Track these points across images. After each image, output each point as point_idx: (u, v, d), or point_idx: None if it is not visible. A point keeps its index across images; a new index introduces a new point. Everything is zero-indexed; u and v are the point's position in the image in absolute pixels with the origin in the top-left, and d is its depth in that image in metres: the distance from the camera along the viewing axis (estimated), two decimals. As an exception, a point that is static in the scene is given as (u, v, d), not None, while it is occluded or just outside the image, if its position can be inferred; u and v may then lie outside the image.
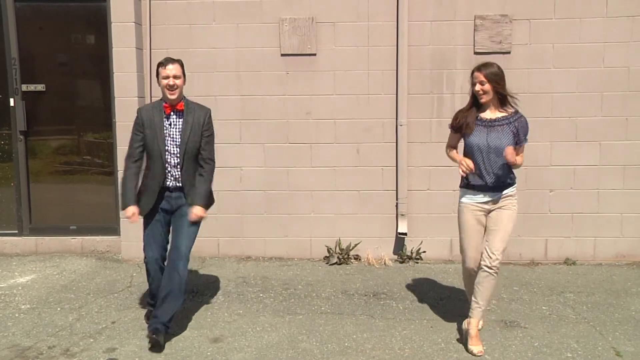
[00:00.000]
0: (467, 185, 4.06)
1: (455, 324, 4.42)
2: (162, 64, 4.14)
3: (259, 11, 6.02)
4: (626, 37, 5.78)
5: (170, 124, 4.16)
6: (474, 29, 5.88)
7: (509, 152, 3.82)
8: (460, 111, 4.19)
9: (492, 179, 3.96)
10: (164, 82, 4.10)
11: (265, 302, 4.95)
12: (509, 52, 5.88)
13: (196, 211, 4.20)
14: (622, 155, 5.89)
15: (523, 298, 4.92)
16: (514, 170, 4.04)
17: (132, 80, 5.95)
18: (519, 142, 3.98)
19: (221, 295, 5.12)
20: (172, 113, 4.17)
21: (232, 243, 6.25)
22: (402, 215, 6.00)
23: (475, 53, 5.90)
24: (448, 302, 4.89)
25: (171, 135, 4.16)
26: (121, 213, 4.33)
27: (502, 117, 4.00)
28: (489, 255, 3.95)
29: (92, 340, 4.18)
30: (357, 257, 6.07)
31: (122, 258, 6.12)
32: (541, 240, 5.97)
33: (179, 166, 4.18)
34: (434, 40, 5.93)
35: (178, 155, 4.16)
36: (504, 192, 4.00)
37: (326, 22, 5.99)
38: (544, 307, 4.78)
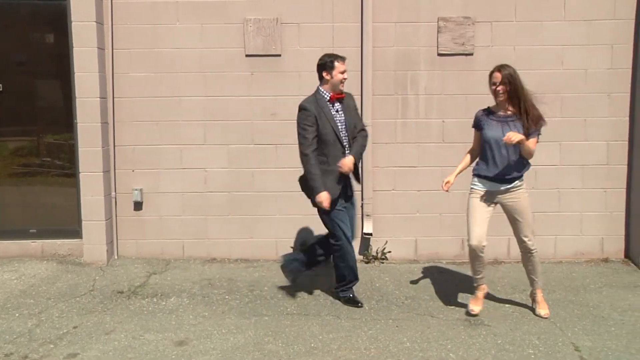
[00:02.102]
0: (477, 174, 4.57)
1: (421, 323, 4.46)
2: (340, 58, 4.67)
3: (223, 11, 5.98)
4: (583, 41, 5.92)
5: (337, 111, 4.71)
6: (438, 31, 5.94)
7: (511, 134, 4.21)
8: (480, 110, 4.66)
9: (497, 171, 4.41)
10: (340, 76, 4.65)
11: (231, 304, 4.91)
12: (471, 54, 5.96)
13: (347, 161, 4.63)
14: (581, 155, 6.03)
15: (487, 296, 4.98)
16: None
17: (93, 80, 5.84)
18: (531, 134, 4.38)
19: (186, 298, 5.06)
20: (335, 102, 4.71)
21: (197, 245, 6.19)
22: (368, 215, 6.03)
23: (439, 54, 5.96)
24: (413, 302, 4.93)
25: (340, 121, 4.70)
26: (317, 198, 4.66)
27: (513, 114, 4.43)
28: (523, 241, 4.52)
29: (52, 346, 4.09)
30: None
31: (85, 261, 6.00)
32: (504, 239, 6.05)
33: (347, 147, 4.72)
34: (398, 42, 5.98)
35: (347, 136, 4.72)
36: (513, 184, 4.45)
37: (291, 23, 5.98)
38: (507, 305, 4.86)
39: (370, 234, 6.03)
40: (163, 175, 6.13)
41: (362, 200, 6.05)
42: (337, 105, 4.73)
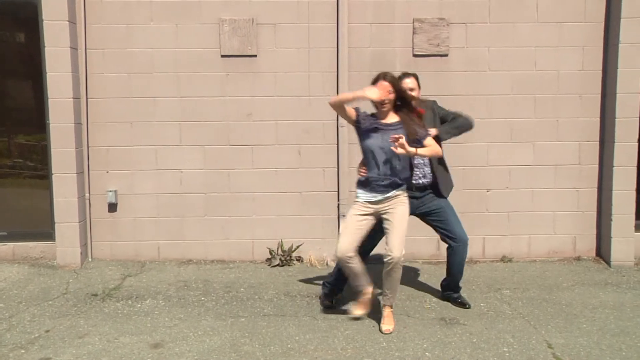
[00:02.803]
0: (359, 183, 4.44)
1: (397, 323, 4.47)
2: (399, 78, 4.51)
3: (198, 11, 5.94)
4: (555, 42, 6.01)
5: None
6: (413, 32, 5.98)
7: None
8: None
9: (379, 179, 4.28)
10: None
11: (207, 306, 4.88)
12: (446, 55, 6.01)
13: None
14: (554, 155, 6.12)
15: (462, 296, 5.02)
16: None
17: (66, 80, 5.76)
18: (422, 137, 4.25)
19: (162, 300, 5.02)
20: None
21: (173, 246, 6.14)
22: (344, 216, 6.02)
23: (414, 55, 6.00)
24: (389, 301, 4.95)
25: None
26: None
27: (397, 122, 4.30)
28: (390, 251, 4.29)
29: (23, 350, 4.02)
30: (299, 259, 6.08)
31: (58, 264, 5.91)
32: (479, 239, 6.12)
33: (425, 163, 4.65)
34: (374, 43, 6.01)
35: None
36: (392, 192, 4.29)
37: (267, 24, 5.97)
38: (482, 304, 4.90)
39: (347, 235, 6.03)
40: (138, 176, 6.07)
41: (338, 200, 6.06)
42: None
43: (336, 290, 4.84)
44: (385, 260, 4.27)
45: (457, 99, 5.29)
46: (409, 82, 4.61)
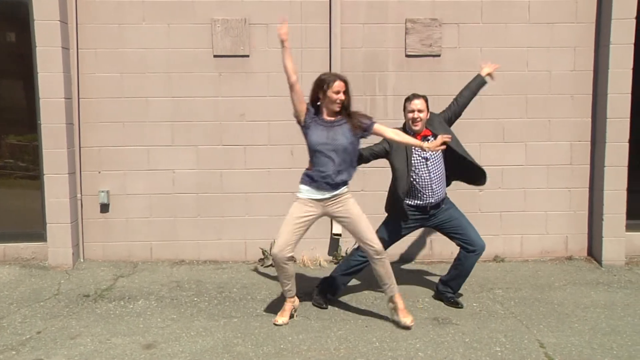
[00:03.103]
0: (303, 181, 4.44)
1: (390, 323, 4.49)
2: (408, 99, 4.59)
3: (190, 11, 5.93)
4: (546, 43, 6.04)
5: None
6: (405, 32, 5.99)
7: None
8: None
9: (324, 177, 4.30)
10: (409, 115, 4.56)
11: (200, 306, 4.87)
12: (439, 55, 6.03)
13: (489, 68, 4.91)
14: (546, 155, 6.14)
15: (455, 296, 5.03)
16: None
17: (58, 80, 5.73)
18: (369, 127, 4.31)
19: (154, 301, 5.00)
20: (420, 140, 4.48)
21: (165, 247, 6.12)
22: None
23: (407, 56, 6.02)
24: (383, 302, 4.94)
25: (424, 157, 4.60)
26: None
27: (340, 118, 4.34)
28: (370, 245, 4.40)
29: (14, 352, 3.99)
30: (292, 259, 6.05)
31: (49, 265, 5.88)
32: (471, 238, 6.13)
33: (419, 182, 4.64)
34: (366, 43, 6.01)
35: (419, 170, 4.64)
36: (339, 190, 4.34)
37: (259, 24, 5.96)
38: (474, 304, 4.92)
39: (340, 235, 6.04)
40: (130, 176, 6.05)
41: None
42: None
43: (332, 289, 4.86)
44: (370, 254, 4.35)
45: (450, 100, 5.26)
46: (417, 104, 4.56)
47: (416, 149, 4.54)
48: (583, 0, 6.00)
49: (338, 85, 4.22)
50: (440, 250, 6.11)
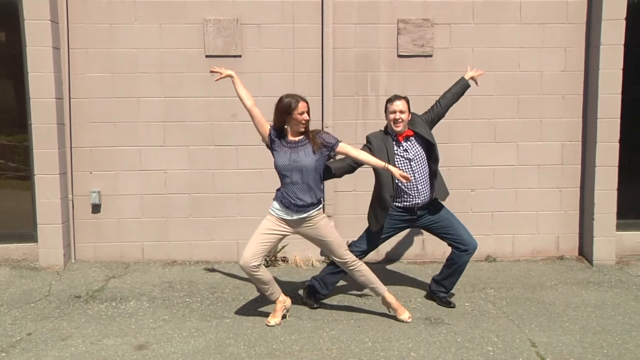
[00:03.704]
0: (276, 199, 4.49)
1: (382, 323, 4.49)
2: (389, 100, 4.60)
3: (182, 11, 5.92)
4: (538, 43, 6.06)
5: (405, 150, 4.62)
6: (397, 33, 6.00)
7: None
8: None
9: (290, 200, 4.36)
10: (391, 116, 4.56)
11: (192, 307, 4.86)
12: (431, 56, 6.04)
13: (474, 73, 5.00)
14: (537, 155, 6.17)
15: (447, 295, 5.04)
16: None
17: (49, 80, 5.70)
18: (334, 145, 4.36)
19: (146, 301, 4.99)
20: (402, 141, 4.62)
21: (157, 247, 6.11)
22: (329, 216, 6.03)
23: (399, 56, 6.03)
24: (375, 302, 4.95)
25: (407, 158, 4.62)
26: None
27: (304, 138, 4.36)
28: (343, 261, 4.50)
29: (4, 354, 3.97)
30: (284, 259, 6.07)
31: (40, 266, 5.85)
32: (463, 238, 6.15)
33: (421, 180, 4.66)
34: (358, 43, 6.02)
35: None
36: (307, 213, 4.37)
37: (251, 24, 5.96)
38: (466, 304, 4.93)
39: (332, 235, 6.04)
40: (122, 177, 6.03)
41: (323, 201, 6.04)
42: (406, 144, 4.62)
43: (321, 289, 4.88)
44: (346, 268, 4.48)
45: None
46: (399, 105, 4.56)
47: (397, 150, 4.58)
48: (574, 1, 6.03)
49: (302, 106, 4.26)
50: (433, 250, 6.12)
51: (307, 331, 4.35)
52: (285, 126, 4.33)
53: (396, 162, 4.58)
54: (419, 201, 4.65)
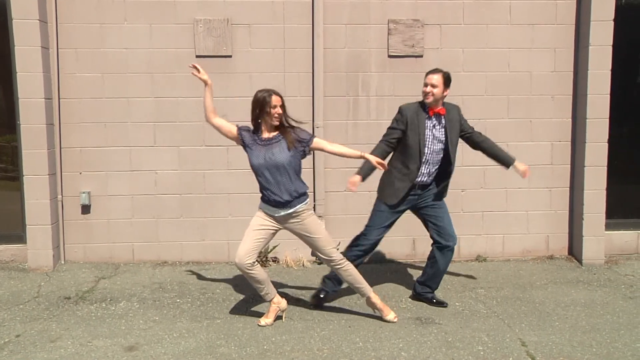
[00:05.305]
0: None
1: (373, 323, 4.50)
2: (427, 73, 4.64)
3: (172, 11, 5.90)
4: (527, 44, 6.09)
5: (434, 126, 4.62)
6: (388, 33, 6.01)
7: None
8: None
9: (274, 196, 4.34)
10: (423, 88, 4.60)
11: (183, 308, 4.85)
12: (421, 56, 6.05)
13: (523, 167, 4.84)
14: (527, 155, 6.18)
15: (437, 295, 5.05)
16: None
17: (37, 80, 5.67)
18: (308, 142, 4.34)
19: (136, 302, 4.96)
20: (433, 116, 4.63)
21: (148, 248, 6.08)
22: (320, 216, 6.03)
23: (389, 56, 6.04)
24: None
25: (432, 137, 4.61)
26: None
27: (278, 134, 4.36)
28: (330, 259, 4.45)
29: (-6, 355, 3.94)
30: (275, 260, 6.07)
31: (29, 267, 5.81)
32: (454, 238, 6.17)
33: (430, 164, 4.66)
34: (349, 43, 6.02)
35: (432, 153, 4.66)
36: (294, 209, 4.35)
37: (242, 24, 5.95)
38: (457, 303, 4.94)
39: (323, 235, 6.04)
40: (112, 177, 6.00)
41: (314, 201, 6.06)
42: (435, 120, 4.63)
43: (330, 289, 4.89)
44: (332, 267, 4.46)
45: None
46: (432, 79, 4.55)
47: (427, 122, 4.59)
48: (563, 2, 6.07)
49: (275, 99, 4.26)
50: (424, 251, 6.12)
51: (298, 331, 4.34)
52: (260, 120, 4.31)
53: (426, 134, 4.58)
54: (428, 180, 4.69)
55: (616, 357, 3.95)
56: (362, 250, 4.79)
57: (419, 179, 4.66)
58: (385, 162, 4.46)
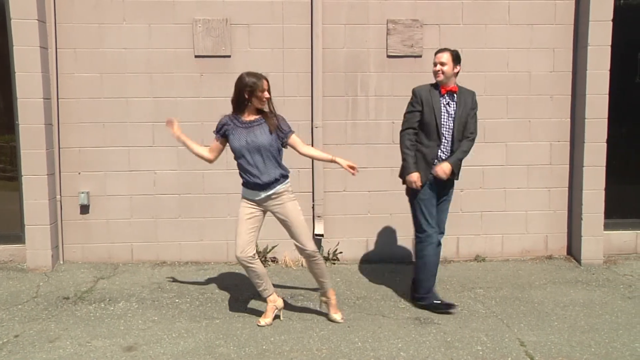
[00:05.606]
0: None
1: (372, 323, 4.50)
2: (435, 52, 4.71)
3: (171, 11, 5.89)
4: (526, 44, 6.10)
5: (447, 104, 4.66)
6: (387, 33, 6.01)
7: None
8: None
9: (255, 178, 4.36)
10: (433, 67, 4.67)
11: (181, 308, 4.84)
12: (420, 56, 6.05)
13: (444, 166, 4.61)
14: (526, 155, 6.20)
15: (436, 295, 5.05)
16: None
17: (36, 80, 5.66)
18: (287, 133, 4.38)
19: (135, 302, 4.96)
20: (445, 94, 4.67)
21: (147, 248, 6.08)
22: (319, 216, 6.04)
23: (388, 56, 6.04)
24: (365, 302, 4.97)
25: (446, 114, 4.66)
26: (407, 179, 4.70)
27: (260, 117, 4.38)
28: (303, 249, 4.44)
29: (-8, 355, 3.94)
30: (274, 260, 6.07)
31: (28, 267, 5.81)
32: (453, 238, 6.17)
33: (449, 142, 4.67)
34: (348, 43, 6.02)
35: (452, 131, 4.66)
36: (274, 189, 4.37)
37: (241, 24, 5.94)
38: (456, 303, 4.94)
39: (322, 235, 6.04)
40: (110, 177, 6.00)
41: (313, 201, 6.06)
42: (448, 98, 4.67)
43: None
44: (304, 257, 4.45)
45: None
46: (440, 57, 4.61)
47: (441, 100, 4.63)
48: (561, 2, 6.07)
49: (264, 84, 4.28)
50: (422, 250, 6.14)
51: (297, 331, 4.34)
52: (247, 103, 4.31)
53: (441, 109, 4.62)
54: (444, 157, 4.68)
55: (615, 357, 3.95)
56: (437, 241, 4.79)
57: (440, 154, 4.66)
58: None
